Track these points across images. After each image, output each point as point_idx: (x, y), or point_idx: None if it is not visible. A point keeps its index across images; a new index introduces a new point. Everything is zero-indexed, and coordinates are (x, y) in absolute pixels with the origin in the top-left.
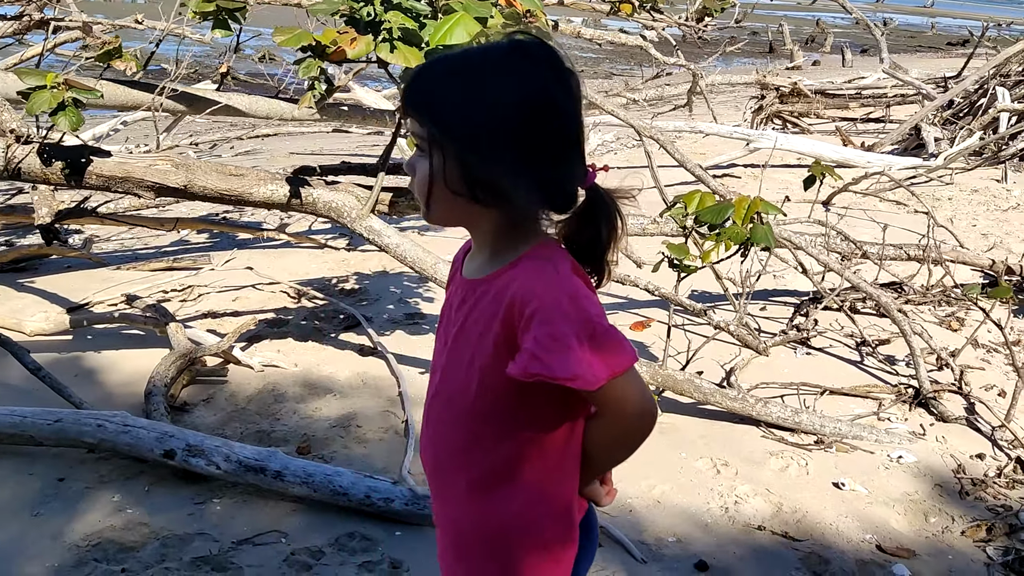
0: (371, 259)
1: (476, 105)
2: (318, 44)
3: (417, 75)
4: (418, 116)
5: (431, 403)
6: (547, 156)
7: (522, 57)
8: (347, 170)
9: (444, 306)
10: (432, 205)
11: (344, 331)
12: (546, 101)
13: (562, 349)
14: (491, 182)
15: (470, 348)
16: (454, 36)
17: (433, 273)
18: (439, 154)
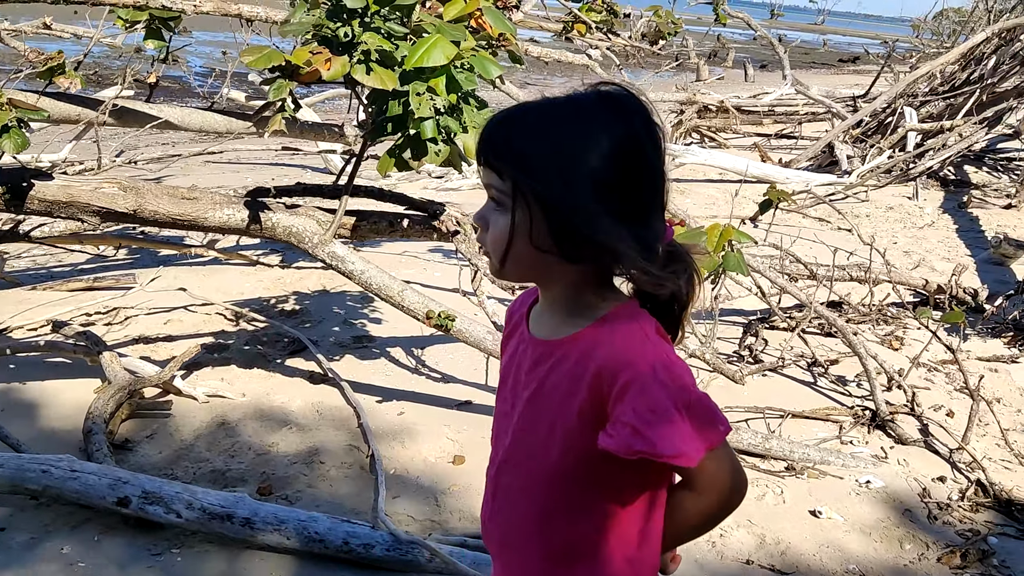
0: (309, 277)
1: (569, 157)
2: (289, 64)
3: (499, 124)
4: (501, 168)
5: (499, 471)
6: (640, 210)
7: (614, 108)
8: (303, 191)
9: (506, 365)
10: (508, 262)
11: (290, 356)
12: (639, 153)
13: (664, 423)
14: (585, 239)
15: (550, 412)
16: (432, 58)
17: (400, 300)
18: (524, 209)
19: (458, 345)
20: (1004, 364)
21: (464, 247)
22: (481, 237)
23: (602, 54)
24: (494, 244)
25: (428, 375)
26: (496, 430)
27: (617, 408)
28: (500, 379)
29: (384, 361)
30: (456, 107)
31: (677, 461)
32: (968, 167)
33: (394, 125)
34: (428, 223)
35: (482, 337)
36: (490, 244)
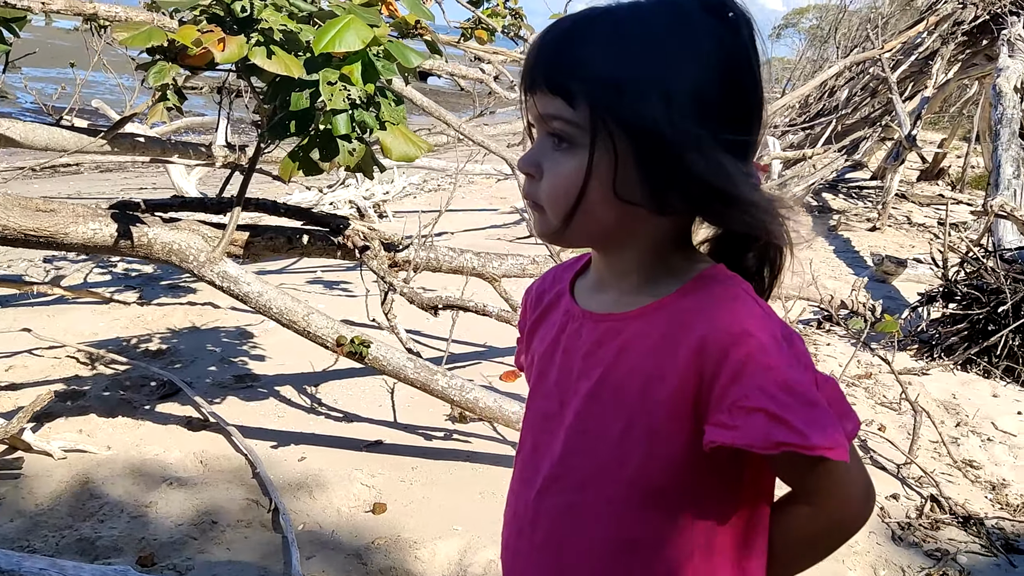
0: (173, 314)
1: (671, 71)
2: (173, 44)
3: (564, 33)
4: (571, 89)
5: (543, 493)
6: (748, 144)
7: (718, 11)
8: (181, 205)
9: (544, 356)
10: (577, 218)
11: (161, 401)
12: (750, 70)
13: (807, 406)
14: (694, 179)
15: (626, 406)
16: (344, 42)
17: (306, 326)
18: (607, 144)
19: (357, 379)
20: (916, 376)
21: (375, 264)
22: (531, 188)
23: (496, 69)
24: (556, 196)
25: (328, 414)
26: (532, 440)
27: (733, 390)
28: (536, 375)
29: (274, 401)
30: (372, 100)
31: (832, 454)
32: (826, 194)
33: (299, 122)
34: (331, 239)
35: (402, 365)
36: (547, 196)
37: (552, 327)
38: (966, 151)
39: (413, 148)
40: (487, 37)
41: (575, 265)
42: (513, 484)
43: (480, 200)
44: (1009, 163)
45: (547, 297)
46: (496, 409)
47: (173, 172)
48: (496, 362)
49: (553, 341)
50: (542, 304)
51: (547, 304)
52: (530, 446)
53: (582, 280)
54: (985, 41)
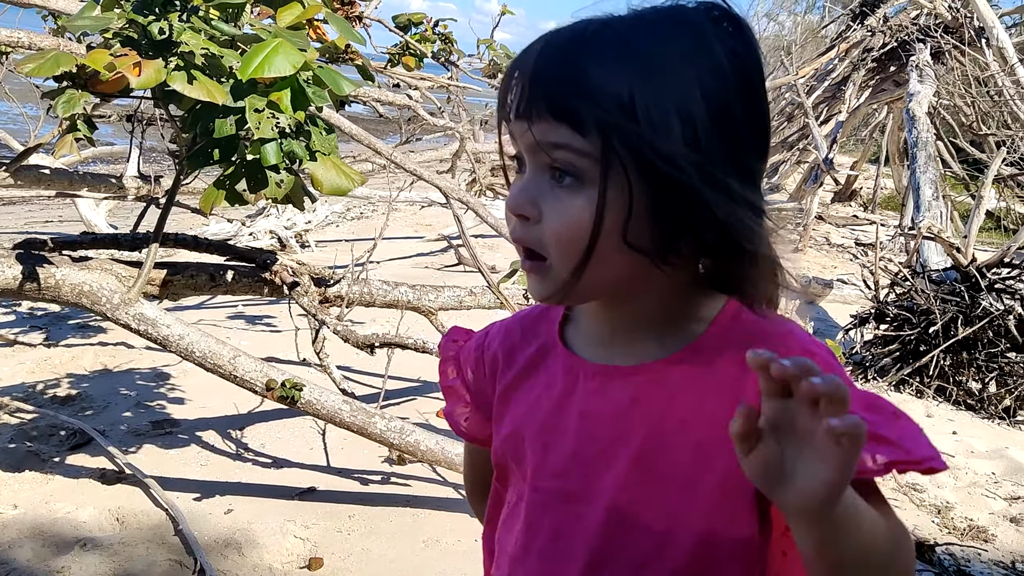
0: (83, 356)
1: (690, 95)
2: (83, 70)
3: (566, 47)
4: (580, 114)
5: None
6: (760, 172)
7: (719, 24)
8: (92, 242)
9: (541, 424)
10: (590, 268)
11: (72, 452)
12: (763, 85)
13: (893, 419)
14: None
15: (683, 469)
16: (274, 67)
17: (232, 370)
18: (621, 184)
19: (285, 421)
20: None
21: (306, 301)
22: (525, 232)
23: (422, 95)
24: (563, 242)
25: (255, 460)
26: (550, 528)
27: None
28: (538, 447)
29: (196, 449)
30: (302, 128)
31: (936, 463)
32: None
33: (223, 150)
34: (257, 275)
35: (337, 408)
36: (554, 243)
37: (547, 390)
38: (876, 173)
39: (346, 180)
40: (415, 63)
41: (549, 315)
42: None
43: (406, 228)
44: (928, 185)
45: (521, 355)
46: (439, 452)
47: (81, 205)
48: (432, 398)
49: (555, 407)
50: (516, 364)
51: (524, 363)
52: (548, 534)
53: (573, 330)
54: (893, 67)
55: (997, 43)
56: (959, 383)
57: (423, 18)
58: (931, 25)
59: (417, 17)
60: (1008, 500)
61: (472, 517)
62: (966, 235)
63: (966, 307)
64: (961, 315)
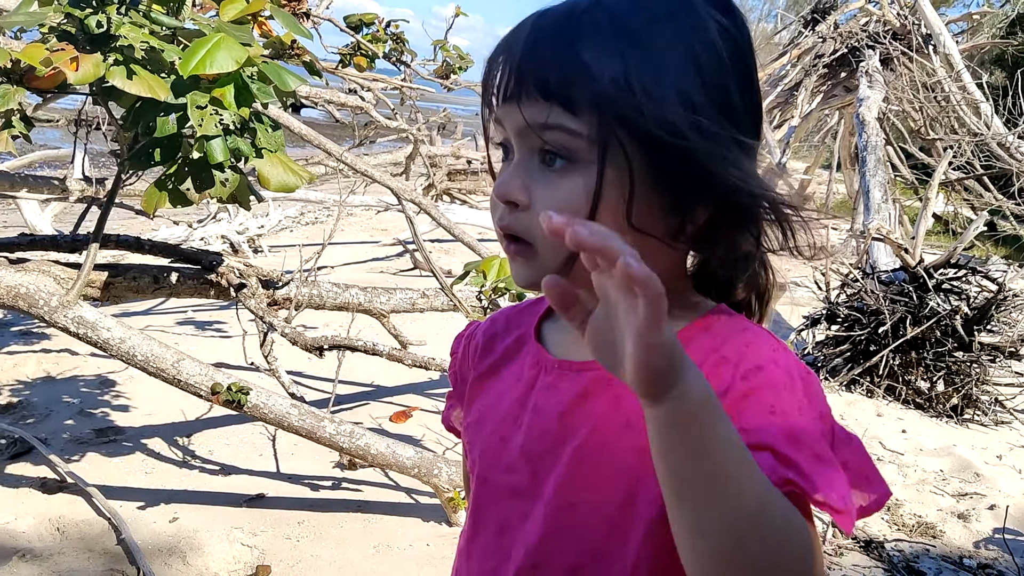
0: (25, 363)
1: (687, 71)
2: (18, 65)
3: (555, 26)
4: (569, 97)
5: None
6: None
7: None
8: (30, 244)
9: (503, 416)
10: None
11: (11, 461)
12: (754, 63)
13: (815, 457)
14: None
15: (624, 473)
16: (217, 62)
17: (176, 374)
18: (621, 164)
19: (234, 427)
20: None
21: (253, 303)
22: (514, 221)
23: (375, 97)
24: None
25: (202, 467)
26: (497, 522)
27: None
28: (490, 440)
29: (141, 456)
30: (247, 125)
31: (841, 520)
32: None
33: (165, 149)
34: (203, 277)
35: (285, 412)
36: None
37: (514, 382)
38: (828, 178)
39: (293, 177)
40: (366, 64)
41: (536, 307)
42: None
43: (360, 232)
44: (877, 188)
45: (500, 344)
46: (389, 455)
47: (25, 208)
48: (385, 402)
49: (517, 400)
50: (494, 352)
51: (502, 352)
52: (494, 529)
53: (552, 324)
54: (844, 73)
55: (944, 50)
56: (908, 382)
57: (375, 18)
58: (880, 32)
59: (369, 17)
60: (956, 496)
61: (425, 521)
62: (914, 237)
63: (914, 307)
64: (910, 315)
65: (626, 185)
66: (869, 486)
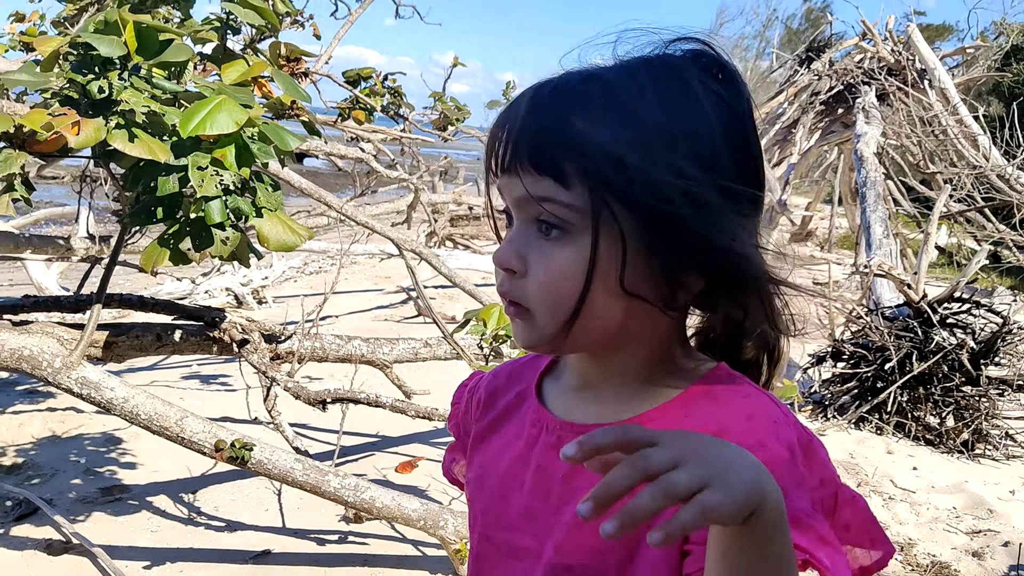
0: (30, 422)
1: (678, 142)
2: (20, 130)
3: (548, 102)
4: (565, 168)
5: None
6: (754, 222)
7: (713, 69)
8: (34, 306)
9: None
10: (581, 321)
11: (16, 523)
12: (753, 128)
13: (817, 541)
14: (714, 261)
15: (621, 545)
16: (217, 124)
17: (180, 432)
18: (613, 234)
19: (239, 483)
20: None
21: (256, 358)
22: (514, 287)
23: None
24: (551, 296)
25: (208, 524)
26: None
27: None
28: (488, 502)
29: (147, 515)
30: (247, 185)
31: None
32: None
33: (166, 208)
34: (206, 334)
35: (289, 467)
36: (540, 296)
37: (514, 439)
38: (830, 213)
39: (292, 236)
40: (365, 117)
41: (537, 362)
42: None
43: (365, 281)
44: (878, 223)
45: (502, 400)
46: (395, 508)
47: (31, 267)
48: (390, 453)
49: (518, 458)
50: (495, 408)
51: (503, 409)
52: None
53: (551, 381)
54: (841, 110)
55: (939, 84)
56: (917, 418)
57: (372, 72)
58: (875, 68)
59: (366, 72)
60: (970, 534)
61: (432, 574)
62: (916, 271)
63: (920, 342)
64: (915, 350)
65: (619, 253)
66: (873, 545)
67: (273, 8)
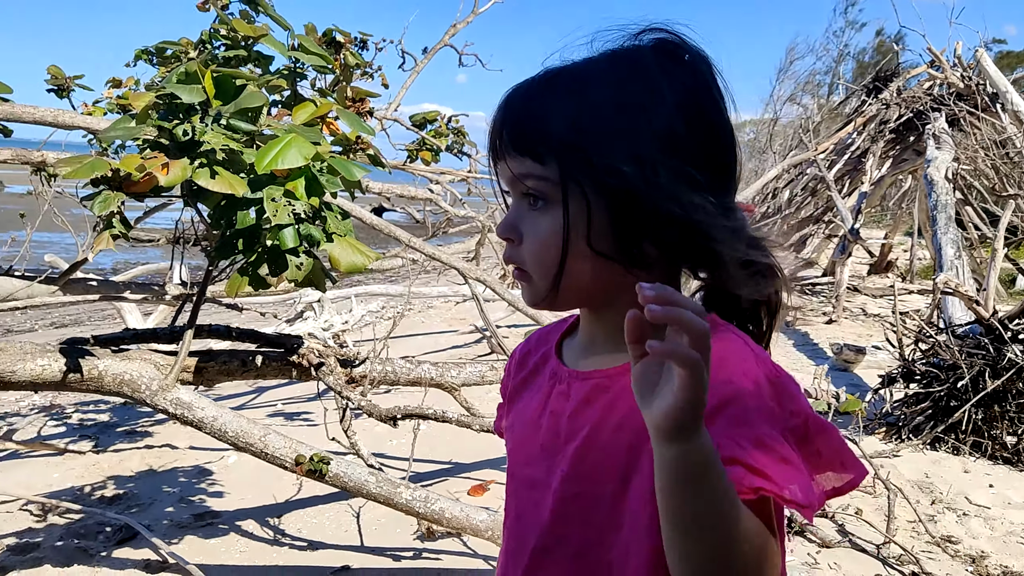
0: (130, 459)
1: (633, 119)
2: (117, 173)
3: (522, 96)
4: (539, 148)
5: (535, 562)
6: (724, 182)
7: (674, 55)
8: (134, 338)
9: (527, 422)
10: (565, 280)
11: (118, 546)
12: (715, 107)
13: (779, 461)
14: (667, 224)
15: (616, 467)
16: (287, 159)
17: (263, 448)
18: (580, 202)
19: (321, 507)
20: (887, 459)
21: (331, 380)
22: (514, 253)
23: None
24: (539, 257)
25: (291, 544)
26: (515, 510)
27: (712, 435)
28: (519, 441)
29: (235, 537)
30: (318, 213)
31: (804, 512)
32: None
33: (245, 239)
34: (285, 359)
35: (364, 480)
36: (531, 259)
37: (538, 391)
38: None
39: (361, 257)
40: (431, 157)
41: (561, 326)
42: (500, 560)
43: (440, 323)
44: (949, 245)
45: (532, 359)
46: (463, 519)
47: (128, 319)
48: (463, 478)
49: (539, 406)
50: (526, 367)
51: (532, 367)
52: (514, 516)
53: (570, 340)
54: (912, 137)
55: (1012, 107)
56: (994, 437)
57: (436, 115)
58: (944, 94)
59: (432, 115)
60: None
61: None
62: (984, 288)
63: (992, 359)
64: (988, 368)
65: (585, 218)
66: (844, 468)
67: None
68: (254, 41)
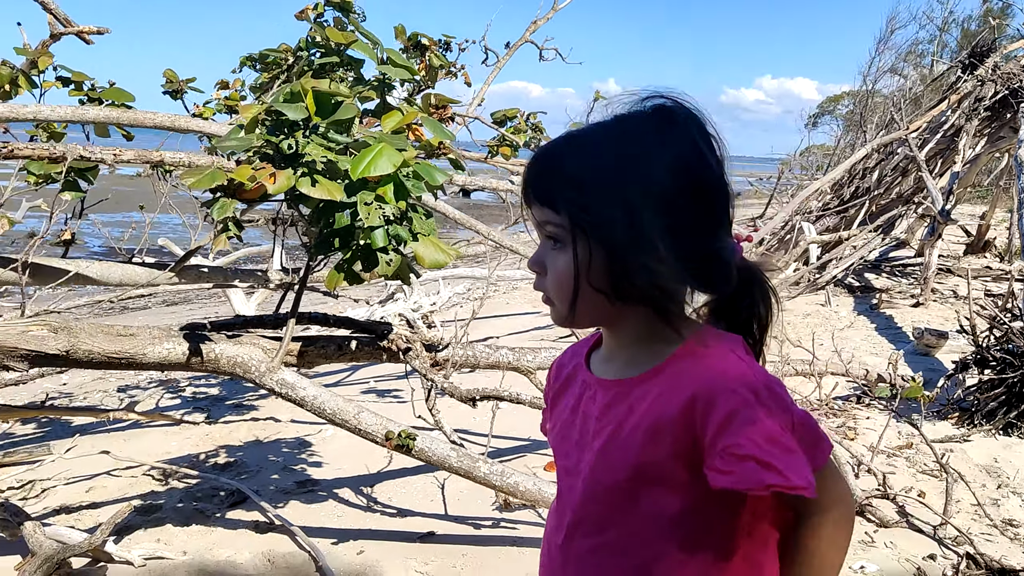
0: (238, 430)
1: (626, 180)
2: (232, 182)
3: (546, 154)
4: (554, 200)
5: (570, 536)
6: (711, 227)
7: (667, 121)
8: (244, 324)
9: (566, 421)
10: (579, 306)
11: (231, 508)
12: (703, 166)
13: (786, 452)
14: (643, 271)
15: (632, 457)
16: (378, 167)
17: (357, 424)
18: (584, 246)
19: (409, 478)
20: (957, 444)
21: (417, 363)
22: (540, 283)
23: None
24: (557, 288)
25: (383, 511)
26: (559, 492)
27: (724, 440)
28: (560, 438)
29: (333, 503)
30: (405, 215)
31: (807, 492)
32: (869, 274)
33: (341, 238)
34: (376, 344)
35: (446, 455)
36: (553, 289)
37: (572, 397)
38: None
39: (443, 255)
40: (510, 153)
41: (589, 341)
42: (545, 532)
43: (524, 304)
44: None
45: (566, 370)
46: (536, 492)
47: (234, 300)
48: (540, 454)
49: (573, 408)
50: (561, 377)
51: (566, 377)
52: (557, 497)
53: (596, 353)
54: (1009, 115)
55: None
56: None
57: (516, 113)
58: None
59: (511, 112)
60: None
61: None
62: None
63: None
64: None
65: (587, 259)
66: (817, 448)
67: (429, 63)
68: (346, 47)
